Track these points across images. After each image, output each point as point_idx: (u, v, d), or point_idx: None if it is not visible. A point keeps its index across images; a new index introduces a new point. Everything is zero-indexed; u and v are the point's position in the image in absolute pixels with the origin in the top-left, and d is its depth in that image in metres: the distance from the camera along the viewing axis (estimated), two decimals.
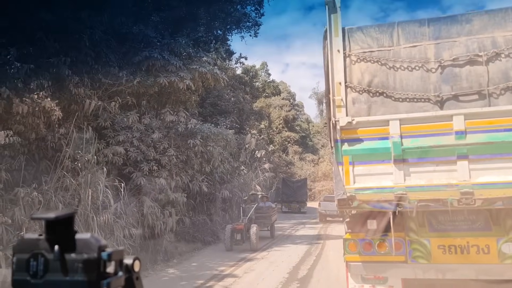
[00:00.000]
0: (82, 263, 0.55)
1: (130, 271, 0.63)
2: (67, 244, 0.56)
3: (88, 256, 0.55)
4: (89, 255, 0.55)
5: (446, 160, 4.39)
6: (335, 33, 4.84)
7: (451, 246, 4.68)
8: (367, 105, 4.73)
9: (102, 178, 9.63)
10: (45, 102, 9.03)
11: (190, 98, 14.76)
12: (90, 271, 0.55)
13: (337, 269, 8.36)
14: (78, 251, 0.56)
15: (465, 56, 4.41)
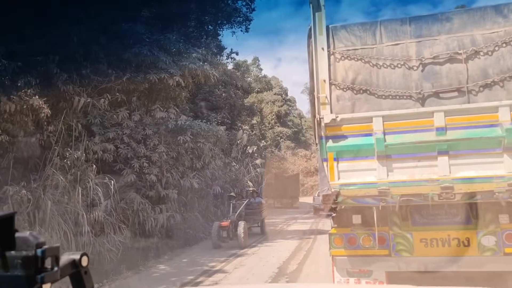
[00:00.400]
0: (21, 259, 0.60)
1: (77, 266, 0.70)
2: (7, 242, 0.61)
3: (27, 253, 0.61)
4: (27, 252, 0.61)
5: (427, 156, 4.48)
6: (319, 31, 4.91)
7: (433, 239, 4.79)
8: (351, 102, 4.81)
9: (91, 176, 9.65)
10: (33, 99, 9.02)
11: (180, 95, 14.79)
12: (28, 267, 0.60)
13: (327, 264, 8.45)
14: (17, 248, 0.61)
15: (445, 54, 4.50)
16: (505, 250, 4.62)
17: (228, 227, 12.21)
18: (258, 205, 15.18)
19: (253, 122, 33.76)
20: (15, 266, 0.61)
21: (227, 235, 12.13)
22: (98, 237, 9.39)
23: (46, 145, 9.83)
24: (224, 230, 12.18)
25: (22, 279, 0.60)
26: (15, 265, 0.61)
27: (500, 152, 4.29)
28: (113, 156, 11.47)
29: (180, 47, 14.27)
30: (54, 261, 0.64)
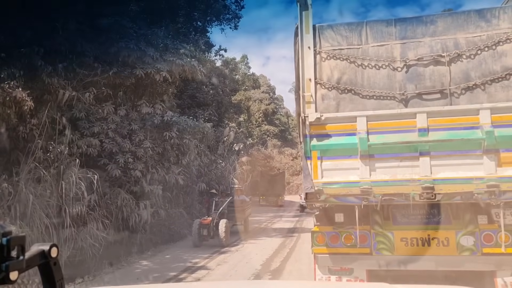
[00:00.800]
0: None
1: (47, 257, 0.70)
2: None
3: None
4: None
5: (409, 156, 4.54)
6: (306, 30, 4.93)
7: (413, 238, 4.88)
8: (335, 102, 4.85)
9: (75, 170, 9.53)
10: (16, 92, 8.88)
11: (167, 90, 14.71)
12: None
13: (310, 261, 8.52)
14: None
15: (429, 56, 4.57)
16: (483, 250, 4.73)
17: (208, 225, 11.95)
18: (241, 203, 14.94)
19: (240, 119, 33.79)
20: None
21: (207, 233, 11.89)
22: (80, 232, 9.30)
23: (29, 138, 9.68)
24: (204, 228, 11.93)
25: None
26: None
27: (480, 154, 4.37)
28: (97, 150, 11.34)
29: (167, 43, 14.18)
30: (20, 250, 0.65)
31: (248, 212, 15.75)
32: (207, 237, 11.91)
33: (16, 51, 9.69)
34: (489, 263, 4.71)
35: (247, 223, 15.63)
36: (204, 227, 11.95)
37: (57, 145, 9.62)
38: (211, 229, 11.93)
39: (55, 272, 0.72)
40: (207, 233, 11.86)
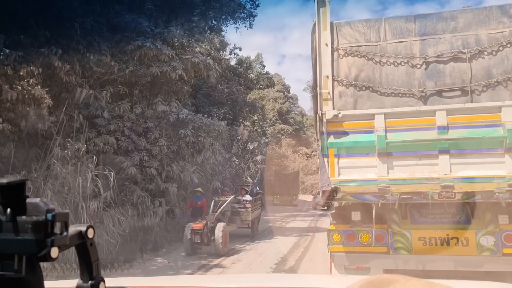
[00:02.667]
0: (32, 224, 0.62)
1: (84, 237, 0.71)
2: (18, 208, 0.63)
3: (37, 218, 0.62)
4: (38, 217, 0.62)
5: (428, 154, 4.48)
6: (323, 27, 4.90)
7: (432, 238, 4.80)
8: (353, 99, 4.81)
9: (92, 167, 9.65)
10: (35, 89, 9.02)
11: (183, 89, 14.80)
12: (38, 231, 0.62)
13: (325, 260, 8.48)
14: (28, 213, 0.63)
15: (450, 52, 4.49)
16: (503, 250, 4.63)
17: (201, 230, 10.15)
18: (246, 204, 13.10)
19: (254, 118, 33.77)
20: (25, 231, 0.62)
21: (200, 240, 10.10)
22: (97, 229, 9.40)
23: (47, 135, 9.84)
24: (196, 234, 10.11)
25: (33, 242, 0.62)
26: (25, 229, 0.62)
27: (501, 152, 4.29)
28: (113, 148, 11.48)
29: (183, 41, 14.27)
30: (63, 226, 0.66)
31: (256, 213, 13.92)
32: (201, 244, 10.21)
33: (34, 50, 9.84)
34: (510, 264, 4.61)
35: (254, 225, 13.97)
36: (196, 232, 10.14)
37: (75, 142, 9.74)
38: (205, 234, 10.21)
39: (92, 253, 0.74)
40: (200, 239, 10.10)
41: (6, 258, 0.63)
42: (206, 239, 10.25)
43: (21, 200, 0.64)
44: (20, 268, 0.63)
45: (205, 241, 10.25)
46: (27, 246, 0.62)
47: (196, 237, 10.10)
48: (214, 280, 1.80)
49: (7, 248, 0.63)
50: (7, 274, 0.62)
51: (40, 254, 0.63)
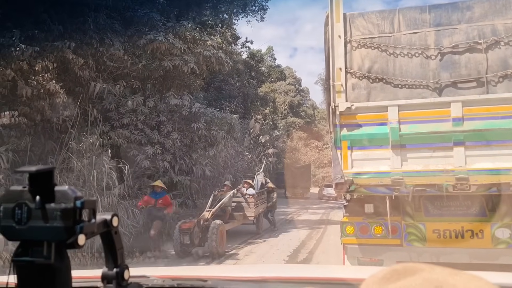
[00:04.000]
0: (60, 211, 0.63)
1: (109, 226, 0.72)
2: (47, 195, 0.64)
3: (66, 205, 0.64)
4: (67, 205, 0.64)
5: (443, 146, 4.44)
6: (336, 19, 4.86)
7: (446, 230, 4.78)
8: (366, 91, 4.77)
9: (106, 160, 9.78)
10: (50, 84, 9.15)
11: (195, 82, 14.84)
12: (67, 218, 0.63)
13: (337, 253, 8.49)
14: (57, 201, 0.64)
15: (465, 43, 4.43)
16: None
17: (190, 229, 8.88)
18: (249, 198, 11.94)
19: (266, 111, 33.73)
20: (54, 218, 0.64)
21: (190, 241, 8.84)
22: None
23: (62, 129, 9.98)
24: (185, 235, 8.83)
25: (62, 229, 0.63)
26: (54, 217, 0.64)
27: None
28: (127, 141, 11.60)
29: (195, 35, 14.28)
30: (91, 213, 0.67)
31: (261, 208, 12.85)
32: (191, 246, 8.98)
33: (49, 44, 9.96)
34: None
35: (260, 221, 12.86)
36: (185, 233, 8.86)
37: (89, 136, 9.87)
38: (196, 235, 8.97)
39: (116, 241, 0.75)
40: (190, 240, 8.83)
41: (35, 244, 0.64)
42: (198, 239, 8.96)
43: (49, 188, 0.65)
44: (49, 254, 0.64)
45: (196, 242, 8.95)
46: (56, 233, 0.64)
47: (185, 238, 8.79)
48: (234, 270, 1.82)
49: (36, 235, 0.64)
50: (37, 260, 0.64)
51: (69, 241, 0.64)
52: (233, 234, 11.58)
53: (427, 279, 0.56)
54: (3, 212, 0.65)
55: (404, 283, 0.56)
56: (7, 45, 9.03)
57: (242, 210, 11.71)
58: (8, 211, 0.65)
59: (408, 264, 0.62)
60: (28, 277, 0.65)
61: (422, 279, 0.57)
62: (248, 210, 11.81)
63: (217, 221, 9.27)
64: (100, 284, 0.81)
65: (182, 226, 8.98)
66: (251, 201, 11.87)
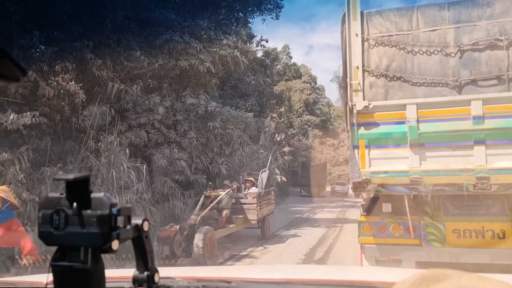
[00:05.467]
0: (97, 217, 0.66)
1: (140, 230, 0.74)
2: (84, 202, 0.66)
3: (102, 212, 0.66)
4: (102, 211, 0.66)
5: (463, 145, 4.38)
6: (353, 17, 4.83)
7: (466, 230, 4.71)
8: (384, 90, 4.74)
9: (124, 159, 9.91)
10: (69, 85, 9.30)
11: (211, 81, 14.92)
12: (103, 224, 0.65)
13: (354, 252, 8.45)
14: (93, 207, 0.66)
15: (485, 40, 4.36)
16: None
17: (170, 238, 7.38)
18: (251, 199, 10.51)
19: (281, 110, 33.70)
20: (91, 224, 0.66)
21: (170, 251, 7.34)
22: None
23: (81, 129, 10.15)
24: (164, 245, 7.33)
25: (98, 235, 0.66)
26: (90, 223, 0.66)
27: None
28: (144, 141, 11.73)
29: (210, 34, 14.35)
30: (126, 220, 0.69)
31: (266, 209, 11.33)
32: (172, 257, 7.40)
33: (68, 45, 10.13)
34: None
35: (265, 225, 11.32)
36: (164, 242, 7.35)
37: (107, 136, 10.01)
38: (178, 244, 7.56)
39: (147, 245, 0.77)
40: (170, 251, 7.35)
41: (72, 249, 0.66)
42: (180, 250, 7.64)
43: (86, 195, 0.67)
44: (86, 259, 0.66)
45: (179, 253, 7.57)
46: (93, 239, 0.66)
47: (164, 249, 7.31)
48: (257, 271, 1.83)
49: (73, 240, 0.66)
50: (74, 265, 0.66)
51: (104, 247, 0.66)
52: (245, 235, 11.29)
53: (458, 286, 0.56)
54: (41, 218, 0.68)
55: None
56: (27, 47, 9.20)
57: (243, 213, 10.26)
58: (47, 217, 0.68)
59: (437, 270, 0.62)
60: (66, 281, 0.67)
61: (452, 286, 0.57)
62: (250, 213, 10.35)
63: (205, 227, 8.02)
64: (126, 285, 0.83)
65: (160, 234, 7.46)
66: (253, 202, 10.39)
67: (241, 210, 10.28)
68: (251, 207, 10.37)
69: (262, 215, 10.85)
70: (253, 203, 10.38)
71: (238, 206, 10.27)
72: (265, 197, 11.60)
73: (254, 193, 10.71)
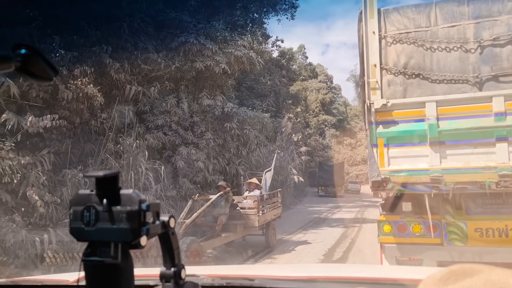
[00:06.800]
0: (126, 213, 0.67)
1: (166, 227, 0.75)
2: (113, 198, 0.68)
3: (131, 208, 0.67)
4: (132, 207, 0.67)
5: (485, 142, 4.30)
6: (370, 15, 4.79)
7: (489, 229, 4.62)
8: (402, 87, 4.68)
9: (143, 161, 10.02)
10: (88, 88, 9.45)
11: (227, 82, 14.98)
12: (133, 220, 0.66)
13: (373, 252, 8.37)
14: (122, 204, 0.68)
15: (507, 35, 4.26)
16: None
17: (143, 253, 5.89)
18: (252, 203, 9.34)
19: (297, 110, 33.61)
20: (120, 220, 0.67)
21: None
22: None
23: (100, 131, 10.31)
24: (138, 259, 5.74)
25: (128, 231, 0.67)
26: (120, 219, 0.67)
27: None
28: (161, 143, 11.84)
29: (226, 35, 14.41)
30: (155, 215, 0.71)
31: (270, 214, 10.16)
32: None
33: (87, 49, 10.31)
34: None
35: (270, 231, 10.03)
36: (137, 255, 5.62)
37: (126, 138, 10.14)
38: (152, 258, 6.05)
39: (173, 241, 0.78)
40: None
41: (103, 245, 0.68)
42: None
43: (115, 192, 0.69)
44: (116, 254, 0.67)
45: None
46: (123, 234, 0.67)
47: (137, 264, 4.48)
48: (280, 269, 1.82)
49: (104, 236, 0.68)
50: (105, 260, 0.67)
51: (134, 242, 0.68)
52: None
53: (488, 281, 0.56)
54: (72, 215, 0.69)
55: (464, 284, 0.56)
56: (47, 51, 9.39)
57: (243, 219, 9.19)
58: (77, 213, 0.69)
59: (465, 265, 0.61)
60: (96, 275, 0.68)
61: (482, 280, 0.56)
62: (251, 218, 9.20)
63: (188, 238, 7.05)
64: (153, 282, 0.84)
65: None
66: (254, 206, 9.24)
67: (241, 215, 9.21)
68: (252, 212, 9.22)
69: (265, 220, 9.68)
70: (254, 207, 9.22)
71: (237, 211, 9.22)
72: (269, 200, 10.37)
73: (255, 196, 9.49)
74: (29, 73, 0.65)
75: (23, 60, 0.62)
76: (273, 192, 11.05)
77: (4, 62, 0.62)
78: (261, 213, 9.43)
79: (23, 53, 0.62)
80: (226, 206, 8.80)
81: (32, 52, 0.63)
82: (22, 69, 0.63)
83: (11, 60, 0.62)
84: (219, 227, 8.46)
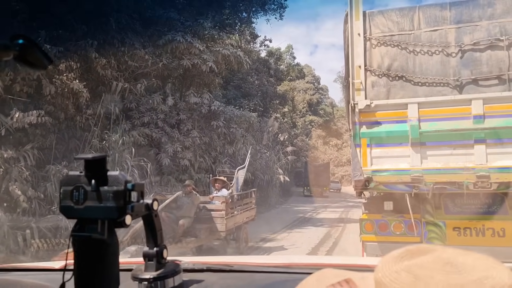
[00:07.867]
0: (113, 193, 0.72)
1: (150, 209, 0.81)
2: (101, 179, 0.73)
3: (117, 188, 0.72)
4: (118, 187, 0.73)
5: (464, 144, 4.42)
6: (356, 17, 4.88)
7: (466, 228, 4.75)
8: (386, 89, 4.78)
9: (129, 158, 9.98)
10: (73, 83, 9.38)
11: (214, 81, 14.97)
12: (119, 199, 0.72)
13: (356, 251, 8.48)
14: (109, 184, 0.73)
15: (486, 40, 4.39)
16: None
17: None
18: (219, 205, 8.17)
19: (284, 110, 33.73)
20: (107, 199, 0.72)
21: None
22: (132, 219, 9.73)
23: (85, 128, 10.24)
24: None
25: (114, 209, 0.72)
26: (107, 198, 0.72)
27: None
28: (148, 140, 11.81)
29: (213, 33, 14.41)
30: (140, 195, 0.76)
31: (242, 217, 9.15)
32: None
33: (73, 44, 10.21)
34: None
35: (240, 235, 8.98)
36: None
37: (112, 134, 10.09)
38: None
39: (156, 223, 0.84)
40: None
41: (91, 222, 0.73)
42: None
43: (103, 173, 0.74)
44: (103, 231, 0.72)
45: None
46: (109, 212, 0.72)
47: None
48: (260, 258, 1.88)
49: (92, 213, 0.73)
50: (93, 235, 0.72)
51: (119, 220, 0.73)
52: None
53: (439, 258, 0.62)
54: (62, 194, 0.74)
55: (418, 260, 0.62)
56: None
57: (208, 222, 8.00)
58: (67, 193, 0.74)
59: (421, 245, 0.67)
60: (84, 250, 0.74)
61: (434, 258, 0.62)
62: (218, 222, 8.01)
63: (133, 247, 5.98)
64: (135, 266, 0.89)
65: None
66: (221, 209, 8.08)
67: (207, 218, 8.02)
68: (219, 214, 8.04)
69: (234, 224, 8.62)
70: (222, 209, 8.07)
71: (203, 213, 8.06)
72: (241, 201, 9.32)
73: (223, 196, 8.42)
74: (26, 62, 0.70)
75: (20, 49, 0.67)
76: (245, 192, 10.13)
77: (3, 50, 0.67)
78: (230, 216, 8.43)
79: (21, 43, 0.67)
80: (191, 208, 7.74)
81: (29, 42, 0.68)
82: (20, 58, 0.68)
83: (10, 49, 0.66)
84: (180, 232, 7.37)
